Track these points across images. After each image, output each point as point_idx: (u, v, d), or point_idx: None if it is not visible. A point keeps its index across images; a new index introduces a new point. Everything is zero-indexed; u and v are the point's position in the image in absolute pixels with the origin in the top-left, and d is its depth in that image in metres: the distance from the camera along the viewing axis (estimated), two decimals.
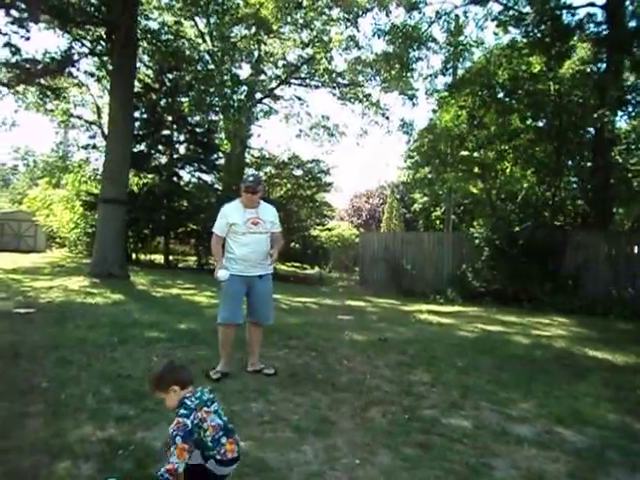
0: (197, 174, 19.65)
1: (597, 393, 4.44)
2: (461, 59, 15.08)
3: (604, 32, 12.11)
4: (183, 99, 18.40)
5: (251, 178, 4.55)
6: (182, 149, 19.54)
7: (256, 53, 20.34)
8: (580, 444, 3.33)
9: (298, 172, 20.30)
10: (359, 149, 77.13)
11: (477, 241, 12.25)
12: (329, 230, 23.25)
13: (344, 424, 3.47)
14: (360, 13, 16.68)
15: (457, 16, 15.11)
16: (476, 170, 14.37)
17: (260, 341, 4.79)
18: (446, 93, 14.22)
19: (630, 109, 12.21)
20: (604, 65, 12.13)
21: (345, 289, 15.06)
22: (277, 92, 22.16)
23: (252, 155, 21.49)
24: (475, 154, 14.38)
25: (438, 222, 24.68)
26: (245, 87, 19.76)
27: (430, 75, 15.42)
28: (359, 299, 11.58)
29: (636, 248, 11.00)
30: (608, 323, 8.98)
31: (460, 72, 15.04)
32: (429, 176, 15.70)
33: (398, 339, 6.45)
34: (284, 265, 20.81)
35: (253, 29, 18.31)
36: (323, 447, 3.07)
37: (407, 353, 5.61)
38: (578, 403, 4.13)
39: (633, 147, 13.02)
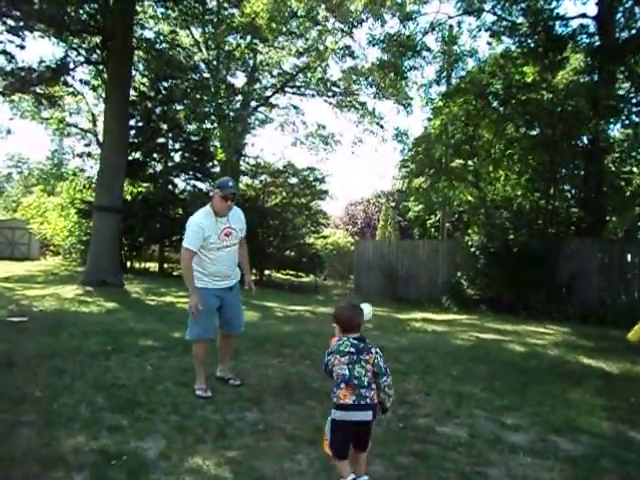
0: (192, 182, 19.72)
1: (591, 401, 4.44)
2: (455, 68, 15.20)
3: (596, 43, 12.25)
4: (178, 107, 18.46)
5: (231, 183, 4.18)
6: (177, 157, 19.62)
7: (251, 62, 20.44)
8: (574, 452, 3.33)
9: (293, 180, 20.34)
10: (355, 157, 77.49)
11: (472, 249, 12.28)
12: (324, 238, 23.27)
13: None
14: (355, 23, 16.81)
15: (451, 26, 15.27)
16: (470, 178, 14.44)
17: (233, 350, 4.72)
18: (440, 102, 14.32)
19: (623, 118, 12.31)
20: (597, 75, 12.24)
21: (340, 297, 15.06)
22: (272, 100, 22.26)
23: (247, 163, 21.54)
24: (470, 162, 14.47)
25: (433, 230, 24.75)
26: (240, 96, 19.85)
27: (424, 84, 15.55)
28: None
29: (629, 256, 11.05)
30: (602, 331, 9.01)
31: (454, 81, 15.14)
32: (424, 185, 15.76)
33: (393, 347, 6.44)
34: (279, 273, 20.78)
35: (248, 38, 18.42)
36: (318, 456, 3.05)
37: (402, 361, 5.60)
38: (572, 411, 4.13)
39: (625, 156, 13.10)
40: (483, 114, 13.22)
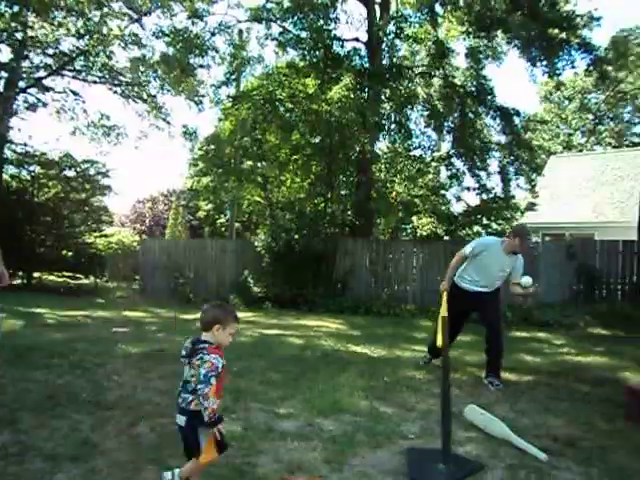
0: None
1: (354, 383, 4.99)
2: (243, 72, 15.53)
3: (366, 65, 13.77)
4: None
5: None
6: None
7: (20, 35, 17.87)
8: (336, 431, 3.70)
9: (70, 173, 18.42)
10: (143, 152, 73.73)
11: (258, 248, 12.74)
12: (106, 237, 21.59)
13: (107, 444, 3.27)
14: (144, 11, 15.99)
15: (241, 31, 15.55)
16: (259, 180, 14.95)
17: None
18: (229, 104, 14.50)
19: (385, 133, 14.08)
20: (366, 94, 13.74)
21: (123, 299, 14.16)
22: (47, 83, 19.78)
23: (13, 151, 18.78)
24: (258, 165, 14.97)
25: (223, 229, 24.94)
26: (4, 72, 17.29)
27: (214, 85, 15.56)
28: (138, 309, 11.03)
29: (390, 254, 12.68)
30: (368, 320, 10.19)
31: (243, 85, 15.48)
32: (212, 184, 15.79)
33: (176, 349, 6.30)
34: (53, 275, 18.64)
35: (15, 7, 16.10)
36: (81, 473, 2.85)
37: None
38: (338, 394, 4.58)
39: (388, 166, 14.97)
40: (270, 119, 13.79)
